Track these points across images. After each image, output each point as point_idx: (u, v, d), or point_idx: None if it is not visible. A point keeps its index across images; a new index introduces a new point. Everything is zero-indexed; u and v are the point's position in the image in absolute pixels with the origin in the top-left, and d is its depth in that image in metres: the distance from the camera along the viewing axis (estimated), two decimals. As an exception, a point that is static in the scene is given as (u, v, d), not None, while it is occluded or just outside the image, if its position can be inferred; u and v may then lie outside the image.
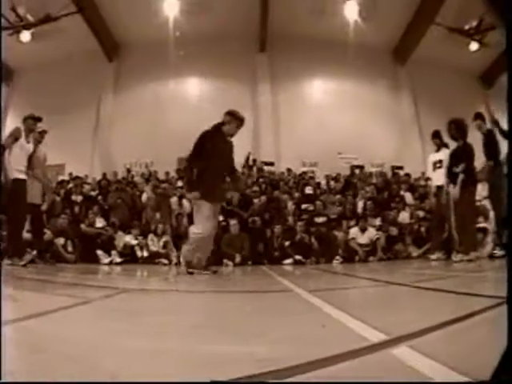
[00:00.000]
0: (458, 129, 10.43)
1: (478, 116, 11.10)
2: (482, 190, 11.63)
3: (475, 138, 10.79)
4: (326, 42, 23.08)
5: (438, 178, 11.56)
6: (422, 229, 14.87)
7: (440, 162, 11.59)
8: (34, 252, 10.88)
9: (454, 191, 10.22)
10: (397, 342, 2.01)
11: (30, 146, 10.29)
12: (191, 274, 7.90)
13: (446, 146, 11.60)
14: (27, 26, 21.45)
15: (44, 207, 11.15)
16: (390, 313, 3.40)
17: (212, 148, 8.07)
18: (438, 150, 11.95)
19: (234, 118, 8.46)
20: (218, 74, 23.94)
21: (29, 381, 1.29)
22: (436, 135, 12.00)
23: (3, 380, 1.24)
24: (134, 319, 3.08)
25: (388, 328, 2.28)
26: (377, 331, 2.24)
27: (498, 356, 1.47)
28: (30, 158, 10.20)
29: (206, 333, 2.51)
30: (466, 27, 22.57)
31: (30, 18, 21.34)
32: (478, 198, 11.46)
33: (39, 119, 10.59)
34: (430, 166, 12.13)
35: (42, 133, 10.86)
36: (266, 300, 4.63)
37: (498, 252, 11.02)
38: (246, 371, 1.57)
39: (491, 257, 11.10)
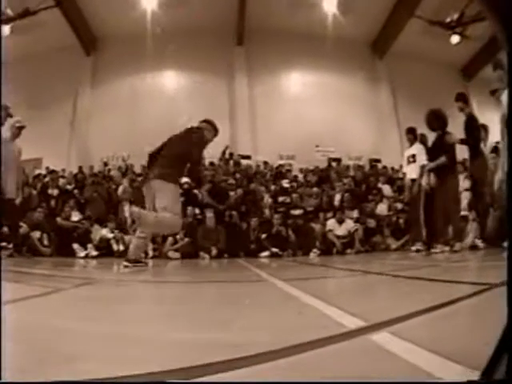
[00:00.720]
0: (436, 119, 10.32)
1: (460, 97, 10.80)
2: (462, 181, 11.61)
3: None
4: (304, 35, 22.94)
5: (411, 171, 11.59)
6: (401, 221, 14.88)
7: (413, 156, 11.59)
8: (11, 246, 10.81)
9: (431, 180, 10.18)
10: (376, 328, 1.94)
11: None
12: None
13: (422, 141, 11.60)
14: (6, 21, 21.29)
15: (18, 201, 10.99)
16: (368, 300, 3.37)
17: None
18: (411, 145, 11.95)
19: (212, 127, 8.39)
20: (195, 68, 23.64)
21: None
22: (410, 131, 11.99)
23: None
24: (102, 307, 3.04)
25: (366, 315, 2.23)
26: (355, 318, 2.18)
27: (481, 341, 1.39)
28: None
29: (175, 320, 2.45)
30: (447, 20, 22.54)
31: (9, 12, 21.19)
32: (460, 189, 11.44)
33: (6, 107, 10.44)
34: (405, 160, 12.10)
35: (20, 128, 10.69)
36: (240, 289, 4.59)
37: (480, 243, 10.98)
38: (216, 357, 1.48)
39: (473, 247, 11.08)
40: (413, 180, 11.50)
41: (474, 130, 10.32)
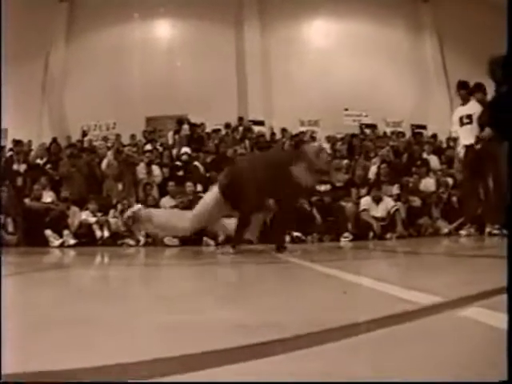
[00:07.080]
0: (502, 68, 10.02)
1: None
2: None
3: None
4: (330, -28, 22.80)
5: (467, 135, 11.32)
6: (454, 199, 14.58)
7: (469, 116, 11.38)
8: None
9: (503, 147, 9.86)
10: (461, 303, 1.84)
11: None
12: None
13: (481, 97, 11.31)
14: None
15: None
16: (429, 276, 3.17)
17: None
18: (463, 104, 11.71)
19: None
20: (195, 14, 23.25)
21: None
22: (462, 86, 11.72)
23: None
24: (68, 289, 2.95)
25: (434, 290, 2.13)
26: (422, 293, 1.94)
27: None
28: None
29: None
30: None
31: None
32: None
33: None
34: (456, 121, 11.81)
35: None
36: (265, 270, 4.43)
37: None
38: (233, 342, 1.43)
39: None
40: (468, 146, 11.23)
41: None
